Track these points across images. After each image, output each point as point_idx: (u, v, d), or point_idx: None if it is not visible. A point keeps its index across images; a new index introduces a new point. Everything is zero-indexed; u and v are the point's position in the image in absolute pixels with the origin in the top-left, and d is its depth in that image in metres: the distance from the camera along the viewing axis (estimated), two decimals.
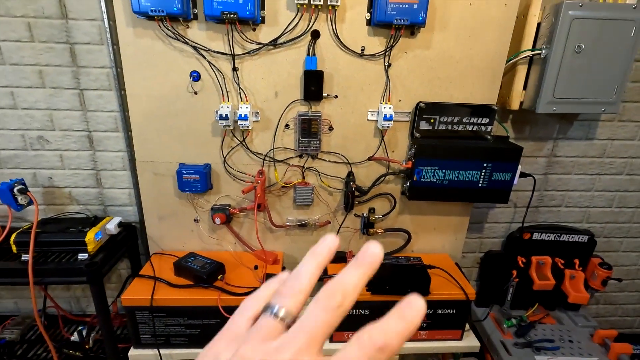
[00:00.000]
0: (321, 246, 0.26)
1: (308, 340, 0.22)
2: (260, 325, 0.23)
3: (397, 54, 1.02)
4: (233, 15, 0.92)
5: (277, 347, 0.22)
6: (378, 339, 0.21)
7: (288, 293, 0.24)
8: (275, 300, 0.24)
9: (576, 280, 1.32)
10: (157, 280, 1.05)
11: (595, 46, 1.00)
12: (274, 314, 0.23)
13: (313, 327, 0.22)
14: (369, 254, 0.25)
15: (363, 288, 0.24)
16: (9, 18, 1.03)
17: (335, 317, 0.23)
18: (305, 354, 0.21)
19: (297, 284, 0.25)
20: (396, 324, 0.22)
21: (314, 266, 0.25)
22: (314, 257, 0.25)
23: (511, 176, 1.08)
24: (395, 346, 0.22)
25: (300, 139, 1.07)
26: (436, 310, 1.08)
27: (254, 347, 0.22)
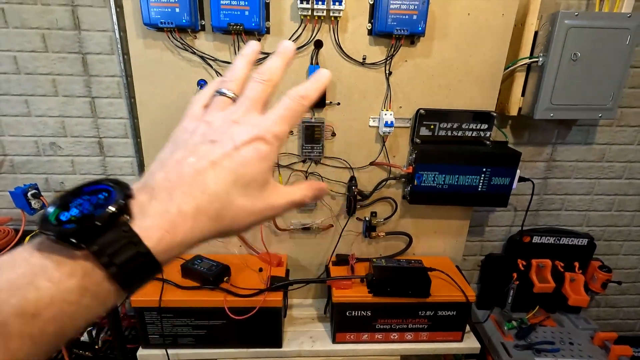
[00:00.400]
0: (247, 48, 0.33)
1: (252, 103, 0.29)
2: (214, 102, 0.30)
3: (397, 63, 1.05)
4: (239, 26, 0.95)
5: (232, 111, 0.29)
6: (301, 91, 0.30)
7: (229, 80, 0.31)
8: (220, 86, 0.31)
9: (576, 283, 1.33)
10: (165, 282, 1.08)
11: (591, 54, 1.02)
12: (222, 93, 0.30)
13: (253, 94, 0.30)
14: (284, 46, 0.32)
15: (283, 70, 0.32)
16: (25, 30, 1.08)
17: (266, 87, 0.30)
18: (252, 111, 0.29)
19: (234, 74, 0.31)
20: (312, 82, 0.31)
21: (244, 62, 0.32)
22: (242, 57, 0.32)
23: (510, 181, 1.11)
24: (313, 96, 0.31)
25: (304, 144, 1.11)
26: (437, 312, 1.11)
27: (215, 114, 0.29)
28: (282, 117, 0.29)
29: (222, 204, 0.26)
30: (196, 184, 0.25)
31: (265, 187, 0.28)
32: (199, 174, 0.25)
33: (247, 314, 1.02)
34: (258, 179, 0.27)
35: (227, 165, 0.26)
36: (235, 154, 0.26)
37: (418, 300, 1.08)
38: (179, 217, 0.24)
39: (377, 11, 0.97)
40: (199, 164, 0.26)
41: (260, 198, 0.28)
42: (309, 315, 1.25)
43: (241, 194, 0.27)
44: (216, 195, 0.25)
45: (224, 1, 0.93)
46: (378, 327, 1.12)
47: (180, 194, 0.24)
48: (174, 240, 0.24)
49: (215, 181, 0.26)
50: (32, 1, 1.05)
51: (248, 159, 0.27)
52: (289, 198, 0.30)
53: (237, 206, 0.26)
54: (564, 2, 1.14)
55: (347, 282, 1.10)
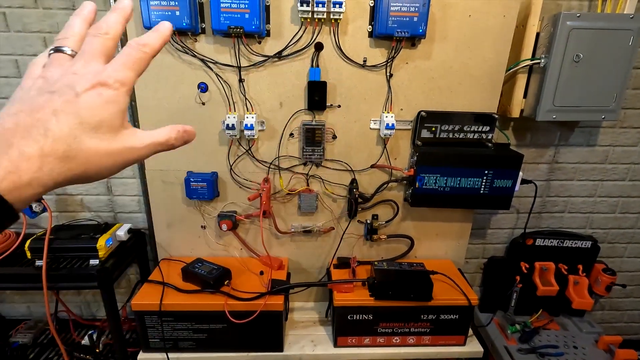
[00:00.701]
0: (83, 8, 0.33)
1: (91, 55, 0.30)
2: (51, 59, 0.30)
3: (398, 65, 1.05)
4: (239, 29, 0.95)
5: (70, 64, 0.29)
6: (143, 39, 0.31)
7: (64, 38, 0.31)
8: (57, 44, 0.31)
9: (580, 286, 1.32)
10: (165, 286, 1.08)
11: (594, 55, 1.02)
12: (59, 50, 0.30)
13: (91, 47, 0.30)
14: (121, 1, 0.33)
15: (122, 25, 0.32)
16: (26, 33, 1.08)
17: (105, 40, 0.30)
18: (91, 62, 0.29)
19: (70, 31, 0.31)
20: (153, 33, 0.32)
21: (80, 19, 0.32)
22: (77, 15, 0.33)
23: (512, 183, 1.10)
24: (155, 45, 0.32)
25: (305, 147, 1.10)
26: (439, 316, 1.10)
27: (53, 70, 0.29)
28: (123, 63, 0.30)
29: (70, 144, 0.27)
30: (36, 129, 0.26)
31: (120, 130, 0.30)
32: (38, 120, 0.26)
33: (248, 317, 1.01)
34: (107, 122, 0.28)
35: (70, 110, 0.27)
36: (76, 100, 0.27)
37: (420, 304, 1.07)
38: (21, 158, 0.25)
39: (377, 13, 0.96)
40: (38, 113, 0.26)
41: (115, 140, 0.29)
42: (310, 318, 1.24)
43: (91, 136, 0.28)
44: (60, 138, 0.26)
45: (224, 4, 0.93)
46: (380, 331, 1.11)
47: (20, 139, 0.25)
48: (20, 180, 0.25)
49: (59, 126, 0.26)
50: (34, 5, 1.06)
51: (91, 103, 0.28)
52: (151, 139, 0.31)
53: (88, 148, 0.28)
54: (565, 3, 1.13)
55: (349, 285, 1.09)
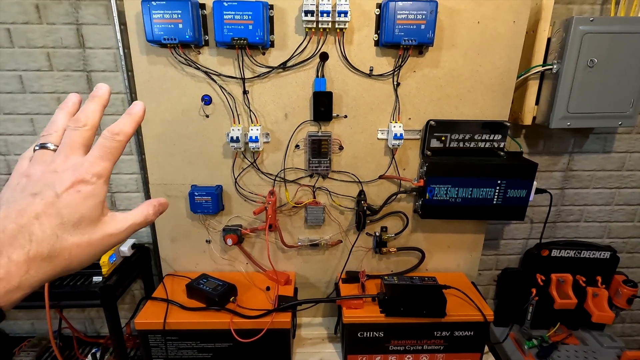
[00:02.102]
0: (66, 101, 0.35)
1: (69, 149, 0.32)
2: (35, 156, 0.32)
3: (405, 73, 1.03)
4: (243, 40, 0.94)
5: (51, 161, 0.31)
6: (114, 128, 0.33)
7: (48, 134, 0.33)
8: (41, 140, 0.33)
9: (599, 299, 1.27)
10: (169, 303, 1.05)
11: (609, 60, 0.98)
12: (42, 146, 0.33)
13: (70, 141, 0.32)
14: (98, 89, 0.34)
15: (99, 112, 0.34)
16: (30, 49, 1.08)
17: (83, 132, 0.32)
18: (70, 156, 0.31)
19: (53, 127, 0.34)
20: (125, 117, 0.34)
21: (63, 114, 0.34)
22: (61, 109, 0.35)
23: (526, 193, 1.06)
24: (128, 130, 0.33)
25: (311, 159, 1.08)
26: (453, 333, 1.05)
27: (36, 167, 0.31)
28: (99, 156, 0.32)
29: (53, 245, 0.29)
30: (21, 235, 0.28)
31: (99, 219, 0.32)
32: (22, 227, 0.28)
33: (254, 336, 0.98)
34: (87, 216, 0.31)
35: (51, 212, 0.29)
36: (57, 201, 0.29)
37: (433, 320, 1.03)
38: (10, 264, 0.27)
39: (383, 22, 0.94)
40: (22, 219, 0.28)
41: (95, 231, 0.31)
42: (319, 335, 1.20)
43: (72, 232, 0.30)
44: (44, 240, 0.28)
45: (228, 16, 0.92)
46: (391, 349, 1.06)
47: (7, 247, 0.27)
48: (10, 285, 0.26)
49: (42, 229, 0.28)
50: (38, 21, 1.06)
51: (71, 202, 0.30)
52: (130, 222, 0.34)
53: (70, 244, 0.29)
54: (576, 7, 1.10)
55: (358, 301, 1.05)
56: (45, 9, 1.04)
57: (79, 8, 1.05)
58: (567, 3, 1.09)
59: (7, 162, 1.19)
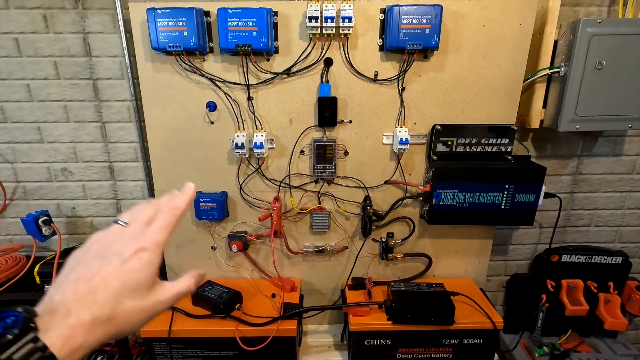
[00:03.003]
0: (168, 206, 0.39)
1: (140, 224, 0.37)
2: (110, 228, 0.37)
3: (410, 78, 1.02)
4: (247, 47, 0.94)
5: (122, 231, 0.37)
6: (173, 204, 0.38)
7: (126, 215, 0.39)
8: (118, 218, 0.38)
9: (612, 305, 1.24)
10: (175, 311, 1.04)
11: (618, 62, 0.97)
12: (117, 223, 0.38)
13: (145, 217, 0.38)
14: (189, 189, 0.41)
15: (187, 207, 0.40)
16: (38, 58, 1.09)
17: (167, 214, 0.38)
18: (138, 228, 0.36)
19: (133, 216, 0.38)
20: (181, 196, 0.40)
21: (147, 207, 0.39)
22: (150, 203, 0.39)
23: (535, 197, 1.04)
24: (183, 207, 0.39)
25: (316, 164, 1.07)
26: (462, 341, 1.03)
27: (108, 235, 0.37)
28: (159, 228, 0.36)
29: (114, 308, 0.31)
30: (89, 296, 0.31)
31: (152, 287, 0.34)
32: (92, 289, 0.31)
33: (260, 344, 0.97)
34: (144, 283, 0.34)
35: (116, 276, 0.32)
36: (122, 267, 0.33)
37: (441, 328, 1.01)
38: (77, 324, 0.29)
39: (388, 27, 0.94)
40: (91, 281, 0.31)
41: (148, 297, 0.34)
42: (325, 342, 1.18)
43: (130, 297, 0.32)
44: (107, 303, 0.31)
45: (232, 23, 0.92)
46: (399, 357, 1.05)
47: (76, 306, 0.30)
48: (74, 344, 0.28)
49: (107, 292, 0.31)
50: (45, 30, 1.07)
51: (133, 268, 0.33)
52: (175, 290, 0.36)
53: (127, 308, 0.32)
54: (583, 9, 1.09)
55: (365, 308, 1.04)
56: (52, 19, 1.06)
57: (85, 17, 1.06)
58: (573, 5, 1.08)
59: (14, 169, 1.20)
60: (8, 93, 1.12)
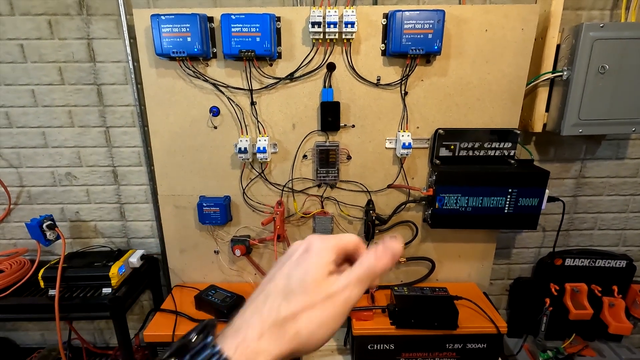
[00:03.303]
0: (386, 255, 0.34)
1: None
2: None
3: (413, 82, 1.02)
4: (251, 52, 0.94)
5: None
6: (389, 249, 0.33)
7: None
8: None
9: (616, 309, 1.23)
10: (178, 315, 1.04)
11: (620, 66, 0.97)
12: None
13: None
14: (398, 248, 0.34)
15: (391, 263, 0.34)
16: (42, 64, 1.10)
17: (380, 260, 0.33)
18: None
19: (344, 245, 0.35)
20: (396, 243, 0.34)
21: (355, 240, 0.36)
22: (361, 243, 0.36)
23: (538, 201, 1.04)
24: (398, 255, 0.34)
25: (319, 168, 1.07)
26: (465, 345, 1.03)
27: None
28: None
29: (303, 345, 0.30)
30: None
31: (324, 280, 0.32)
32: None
33: None
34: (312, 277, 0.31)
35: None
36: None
37: (445, 332, 1.01)
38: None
39: (390, 32, 0.94)
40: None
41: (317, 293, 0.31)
42: (328, 347, 1.18)
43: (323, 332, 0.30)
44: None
45: (235, 29, 0.93)
46: None
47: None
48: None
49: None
50: (50, 36, 1.08)
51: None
52: (354, 274, 0.32)
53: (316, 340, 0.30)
54: (585, 13, 1.09)
55: (368, 312, 1.04)
56: (57, 25, 1.07)
57: (90, 23, 1.07)
58: (576, 9, 1.08)
59: (19, 174, 1.21)
60: (13, 98, 1.13)
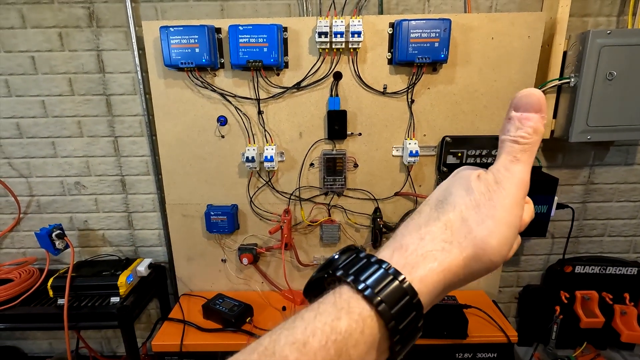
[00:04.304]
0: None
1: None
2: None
3: (420, 90, 1.02)
4: (258, 63, 0.95)
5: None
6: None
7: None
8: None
9: (628, 317, 1.21)
10: (186, 324, 1.04)
11: (629, 72, 0.96)
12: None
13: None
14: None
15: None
16: (53, 75, 1.11)
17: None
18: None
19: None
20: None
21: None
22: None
23: (547, 208, 1.03)
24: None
25: (326, 177, 1.08)
26: (475, 354, 1.02)
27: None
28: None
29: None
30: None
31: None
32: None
33: None
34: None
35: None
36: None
37: (455, 342, 1.00)
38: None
39: (397, 41, 0.95)
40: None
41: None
42: None
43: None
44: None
45: (243, 39, 0.94)
46: None
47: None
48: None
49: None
50: (60, 48, 1.09)
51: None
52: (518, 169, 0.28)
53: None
54: (591, 20, 1.09)
55: None
56: (67, 37, 1.08)
57: (99, 35, 1.08)
58: (582, 16, 1.08)
59: (28, 183, 1.22)
60: (24, 109, 1.14)
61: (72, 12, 1.06)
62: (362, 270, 0.24)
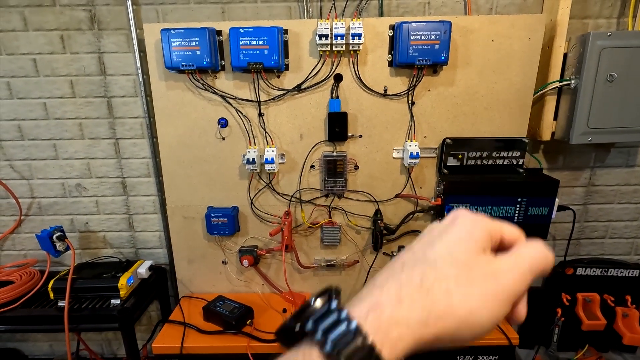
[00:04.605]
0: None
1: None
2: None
3: (420, 92, 1.02)
4: (259, 65, 0.95)
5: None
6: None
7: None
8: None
9: (630, 319, 1.21)
10: (186, 326, 1.04)
11: (629, 74, 0.96)
12: None
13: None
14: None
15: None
16: (54, 77, 1.12)
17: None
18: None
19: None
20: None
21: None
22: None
23: (548, 210, 1.03)
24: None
25: (326, 179, 1.08)
26: (477, 357, 1.01)
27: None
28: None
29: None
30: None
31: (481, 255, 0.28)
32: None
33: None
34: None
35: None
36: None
37: None
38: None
39: (397, 43, 0.95)
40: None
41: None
42: None
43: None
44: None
45: (244, 41, 0.94)
46: None
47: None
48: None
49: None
50: (62, 51, 1.10)
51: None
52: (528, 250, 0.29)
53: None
54: (592, 22, 1.09)
55: None
56: (69, 39, 1.09)
57: (101, 37, 1.09)
58: (582, 18, 1.08)
59: (30, 185, 1.22)
60: (25, 112, 1.15)
61: (74, 15, 1.07)
62: (331, 328, 0.23)
